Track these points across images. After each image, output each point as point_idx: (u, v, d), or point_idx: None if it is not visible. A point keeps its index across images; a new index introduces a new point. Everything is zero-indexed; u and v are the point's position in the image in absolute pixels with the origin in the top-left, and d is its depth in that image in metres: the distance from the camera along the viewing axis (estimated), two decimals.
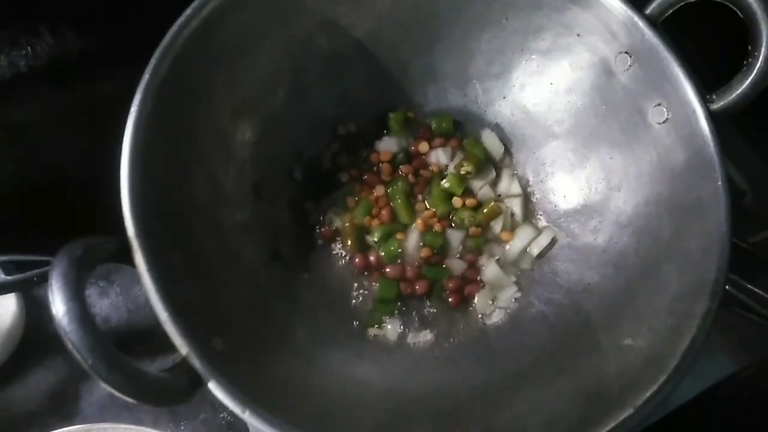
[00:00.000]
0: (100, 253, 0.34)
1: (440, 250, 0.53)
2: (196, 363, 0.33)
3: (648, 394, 0.36)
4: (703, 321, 0.37)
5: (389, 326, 0.49)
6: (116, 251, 0.35)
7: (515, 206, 0.54)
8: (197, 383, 0.33)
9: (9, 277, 0.50)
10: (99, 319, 0.56)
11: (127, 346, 0.55)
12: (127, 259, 0.35)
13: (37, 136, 0.55)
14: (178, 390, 0.32)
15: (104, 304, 0.57)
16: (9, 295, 0.54)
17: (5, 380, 0.53)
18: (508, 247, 0.53)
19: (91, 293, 0.57)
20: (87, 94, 0.56)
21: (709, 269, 0.39)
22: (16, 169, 0.56)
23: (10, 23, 0.53)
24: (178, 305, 0.34)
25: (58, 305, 0.28)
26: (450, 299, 0.51)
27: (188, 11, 0.41)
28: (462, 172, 0.53)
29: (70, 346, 0.28)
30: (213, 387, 0.33)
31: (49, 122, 0.55)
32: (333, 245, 0.53)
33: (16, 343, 0.54)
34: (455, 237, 0.53)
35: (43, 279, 0.48)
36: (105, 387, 0.29)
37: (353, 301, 0.51)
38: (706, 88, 0.43)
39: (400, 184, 0.53)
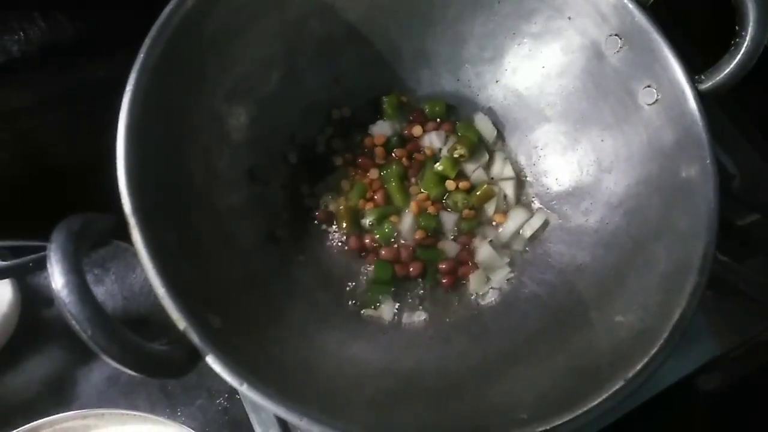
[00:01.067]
0: (98, 228, 0.34)
1: (434, 233, 0.53)
2: (194, 337, 0.33)
3: (638, 366, 0.36)
4: (692, 295, 0.38)
5: (384, 307, 0.50)
6: (114, 227, 0.35)
7: (508, 189, 0.54)
8: (195, 357, 0.33)
9: (4, 263, 0.50)
10: None
11: None
12: (125, 235, 0.35)
13: (31, 122, 0.55)
14: (177, 363, 0.32)
15: (99, 291, 0.57)
16: (4, 282, 0.54)
17: (1, 367, 0.53)
18: (501, 229, 0.53)
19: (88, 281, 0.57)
20: (81, 79, 0.56)
21: (698, 245, 0.40)
22: (10, 154, 0.56)
23: (2, 9, 0.53)
24: (175, 282, 0.34)
25: (57, 277, 0.29)
26: (444, 280, 0.51)
27: None
28: (455, 156, 0.54)
29: (69, 317, 0.28)
30: (211, 360, 0.33)
31: (43, 107, 0.55)
32: (328, 227, 0.53)
33: (12, 330, 0.54)
34: (449, 219, 0.53)
35: (39, 265, 0.48)
36: (104, 358, 0.29)
37: (348, 282, 0.51)
38: (695, 69, 0.44)
39: (394, 167, 0.54)
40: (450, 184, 0.54)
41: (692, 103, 0.43)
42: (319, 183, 0.54)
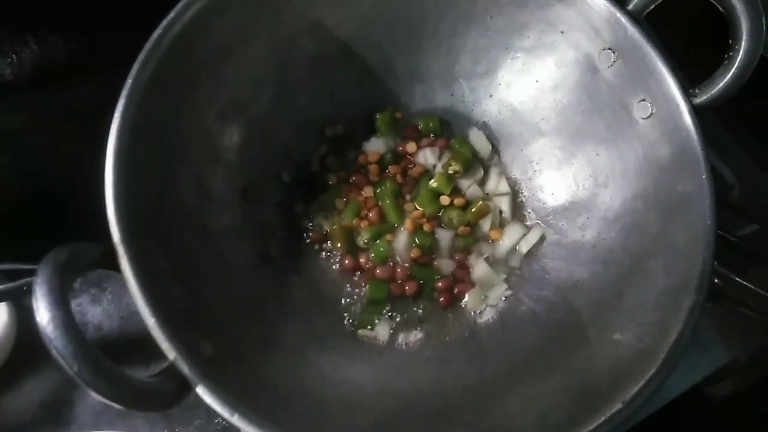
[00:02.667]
0: (86, 258, 0.33)
1: (429, 250, 0.53)
2: (184, 368, 0.33)
3: (636, 388, 0.36)
4: (689, 314, 0.37)
5: (380, 327, 0.49)
6: (102, 257, 0.34)
7: (503, 205, 0.54)
8: (186, 388, 0.33)
9: None
10: (91, 326, 0.56)
11: (120, 353, 0.54)
12: (113, 264, 0.35)
13: (23, 144, 0.55)
14: (167, 395, 0.32)
15: (96, 311, 0.57)
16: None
17: None
18: (497, 245, 0.53)
19: (83, 301, 0.57)
20: (73, 101, 0.56)
21: (696, 262, 0.39)
22: (2, 176, 0.56)
23: None
24: (166, 310, 0.34)
25: (42, 312, 0.28)
26: (440, 299, 0.51)
27: (171, 15, 0.41)
28: (450, 172, 0.53)
29: (54, 353, 0.28)
30: (201, 392, 0.33)
31: (35, 129, 0.55)
32: (323, 247, 0.53)
33: (8, 352, 0.53)
34: (444, 237, 0.53)
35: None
36: (92, 393, 0.29)
37: (343, 302, 0.51)
38: (690, 83, 0.43)
39: (388, 184, 0.53)
40: (445, 201, 0.53)
41: (687, 118, 0.42)
42: (314, 202, 0.54)
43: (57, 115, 0.55)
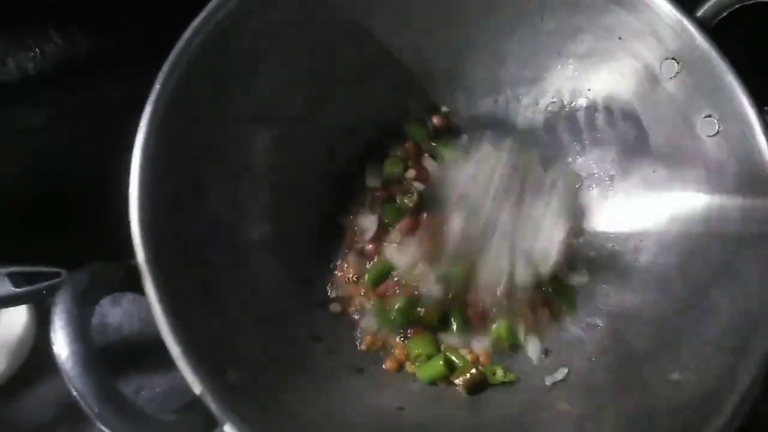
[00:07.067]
0: (108, 281, 0.31)
1: None
2: (211, 403, 0.30)
3: None
4: (762, 360, 0.34)
5: None
6: (125, 278, 0.32)
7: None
8: (212, 424, 0.31)
9: (18, 290, 0.49)
10: (111, 328, 0.55)
11: (140, 355, 0.54)
12: (137, 286, 0.33)
13: (44, 143, 0.53)
14: None
15: (116, 312, 0.56)
16: None
17: (16, 391, 0.52)
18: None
19: (103, 302, 0.55)
20: (96, 98, 0.53)
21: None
22: (22, 175, 0.54)
23: (19, 25, 0.51)
24: (191, 336, 0.32)
25: (61, 347, 0.26)
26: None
27: (203, 14, 0.39)
28: None
29: (74, 392, 0.26)
30: (229, 429, 0.30)
31: (57, 128, 0.53)
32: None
33: (27, 353, 0.52)
34: None
35: (52, 291, 0.46)
36: None
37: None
38: (763, 100, 0.40)
39: None
40: None
41: (761, 139, 0.39)
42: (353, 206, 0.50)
43: (79, 113, 0.53)
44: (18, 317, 0.52)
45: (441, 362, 0.44)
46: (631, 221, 0.48)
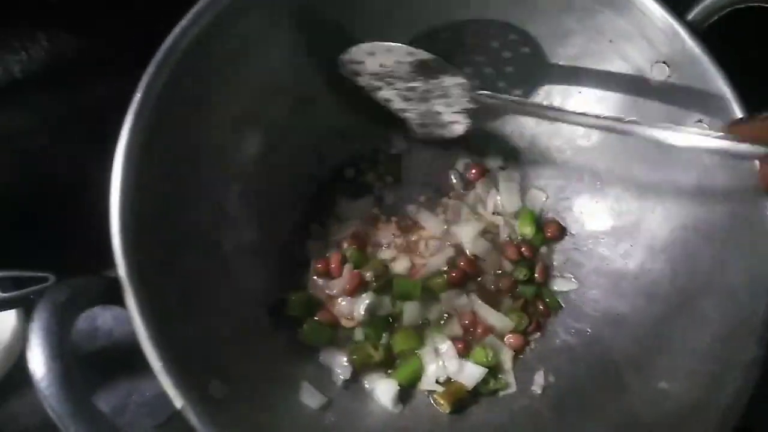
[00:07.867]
0: (88, 295, 0.31)
1: None
2: (193, 417, 0.30)
3: None
4: (749, 370, 0.34)
5: None
6: (105, 291, 0.32)
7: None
8: None
9: (5, 294, 0.48)
10: (102, 332, 0.54)
11: (131, 360, 0.52)
12: (118, 299, 0.32)
13: (31, 145, 0.53)
14: None
15: (107, 316, 0.55)
16: None
17: (5, 395, 0.51)
18: None
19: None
20: (83, 101, 0.53)
21: (757, 309, 0.36)
22: (9, 177, 0.53)
23: (4, 27, 0.50)
24: (173, 350, 0.32)
25: (37, 365, 0.26)
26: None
27: (189, 16, 0.38)
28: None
29: (50, 411, 0.25)
30: None
31: (43, 130, 0.53)
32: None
33: (16, 357, 0.52)
34: None
35: (40, 296, 0.46)
36: None
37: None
38: (753, 106, 0.39)
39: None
40: None
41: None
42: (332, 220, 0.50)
43: (66, 115, 0.52)
44: (7, 323, 0.51)
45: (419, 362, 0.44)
46: (620, 226, 0.47)
